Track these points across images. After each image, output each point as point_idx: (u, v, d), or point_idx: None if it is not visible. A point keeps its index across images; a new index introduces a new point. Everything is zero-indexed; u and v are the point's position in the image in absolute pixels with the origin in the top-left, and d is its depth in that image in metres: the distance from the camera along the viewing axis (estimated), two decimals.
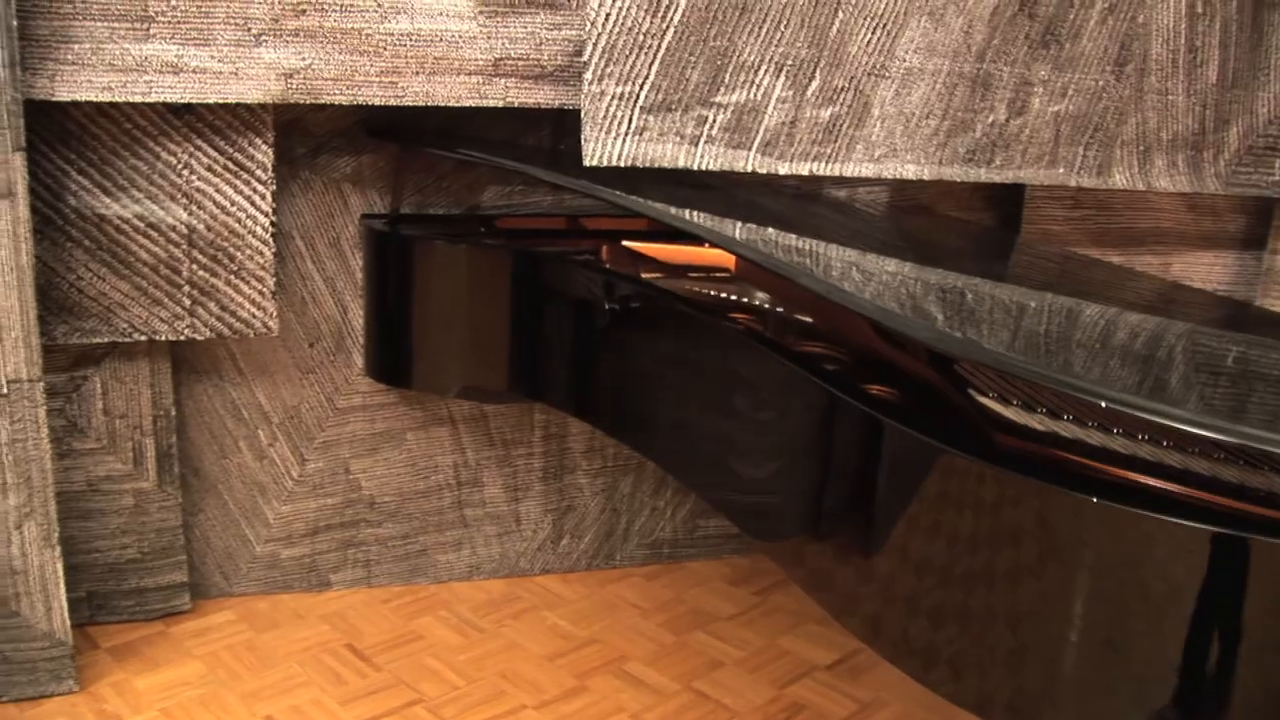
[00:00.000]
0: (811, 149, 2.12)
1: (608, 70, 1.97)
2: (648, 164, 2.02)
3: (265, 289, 2.07)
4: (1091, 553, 1.23)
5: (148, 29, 1.85)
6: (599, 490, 2.52)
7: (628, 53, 1.97)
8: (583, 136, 1.98)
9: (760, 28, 2.03)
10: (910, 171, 2.20)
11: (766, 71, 2.06)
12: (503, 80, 2.02)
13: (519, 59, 2.02)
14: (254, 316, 2.08)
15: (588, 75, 1.96)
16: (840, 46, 2.09)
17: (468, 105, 2.02)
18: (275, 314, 2.09)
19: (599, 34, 1.95)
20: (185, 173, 1.99)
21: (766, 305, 1.96)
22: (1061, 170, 2.31)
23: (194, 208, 2.00)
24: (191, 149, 1.98)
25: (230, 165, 2.00)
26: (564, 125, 2.31)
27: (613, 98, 1.98)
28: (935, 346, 1.47)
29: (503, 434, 2.42)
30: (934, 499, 1.35)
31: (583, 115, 1.98)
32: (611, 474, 2.52)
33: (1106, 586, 1.23)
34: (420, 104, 1.99)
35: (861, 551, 1.48)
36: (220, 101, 1.91)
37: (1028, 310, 1.71)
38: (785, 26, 2.04)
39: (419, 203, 2.27)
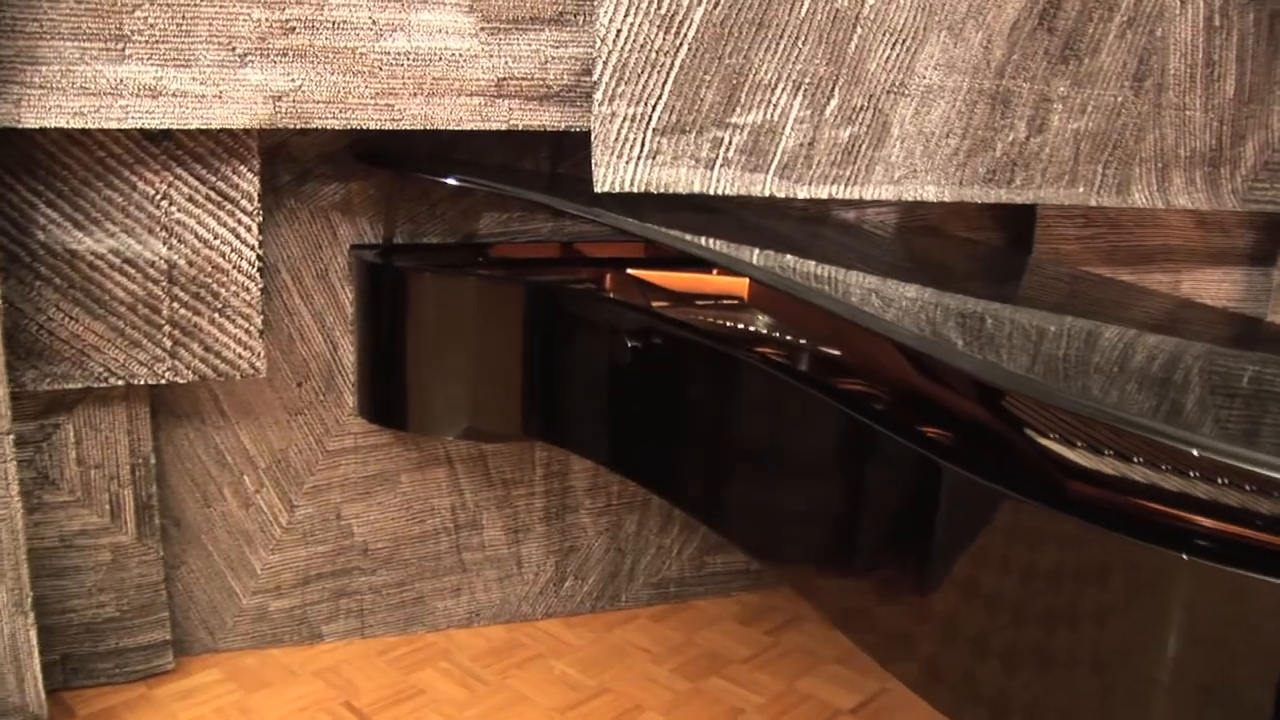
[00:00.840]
0: (830, 171, 1.99)
1: (619, 90, 1.83)
2: (661, 189, 1.89)
3: (252, 327, 1.91)
4: (1184, 595, 1.12)
5: (123, 49, 1.68)
6: (603, 529, 2.37)
7: (640, 72, 1.83)
8: (593, 161, 1.84)
9: (777, 44, 1.90)
10: (930, 193, 2.08)
11: (784, 90, 1.93)
12: (506, 101, 1.87)
13: (523, 78, 1.87)
14: (240, 357, 1.91)
15: (598, 96, 1.82)
16: (859, 64, 1.96)
17: (468, 128, 1.87)
18: (263, 354, 1.93)
19: (609, 52, 1.81)
20: (164, 204, 1.82)
21: (793, 339, 1.83)
22: (1081, 189, 2.20)
23: (174, 241, 1.83)
24: (171, 178, 1.81)
25: (213, 195, 1.84)
26: (563, 148, 2.17)
27: (624, 119, 1.84)
28: (999, 384, 1.34)
29: (502, 474, 2.27)
30: (1003, 539, 1.24)
31: (593, 138, 1.84)
32: (616, 512, 2.37)
33: (1202, 630, 1.12)
34: (418, 127, 1.84)
35: (916, 589, 1.36)
36: (203, 127, 1.74)
37: (1056, 335, 1.59)
38: (803, 43, 1.91)
39: (412, 231, 2.12)
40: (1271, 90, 2.30)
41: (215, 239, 1.85)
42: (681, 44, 1.84)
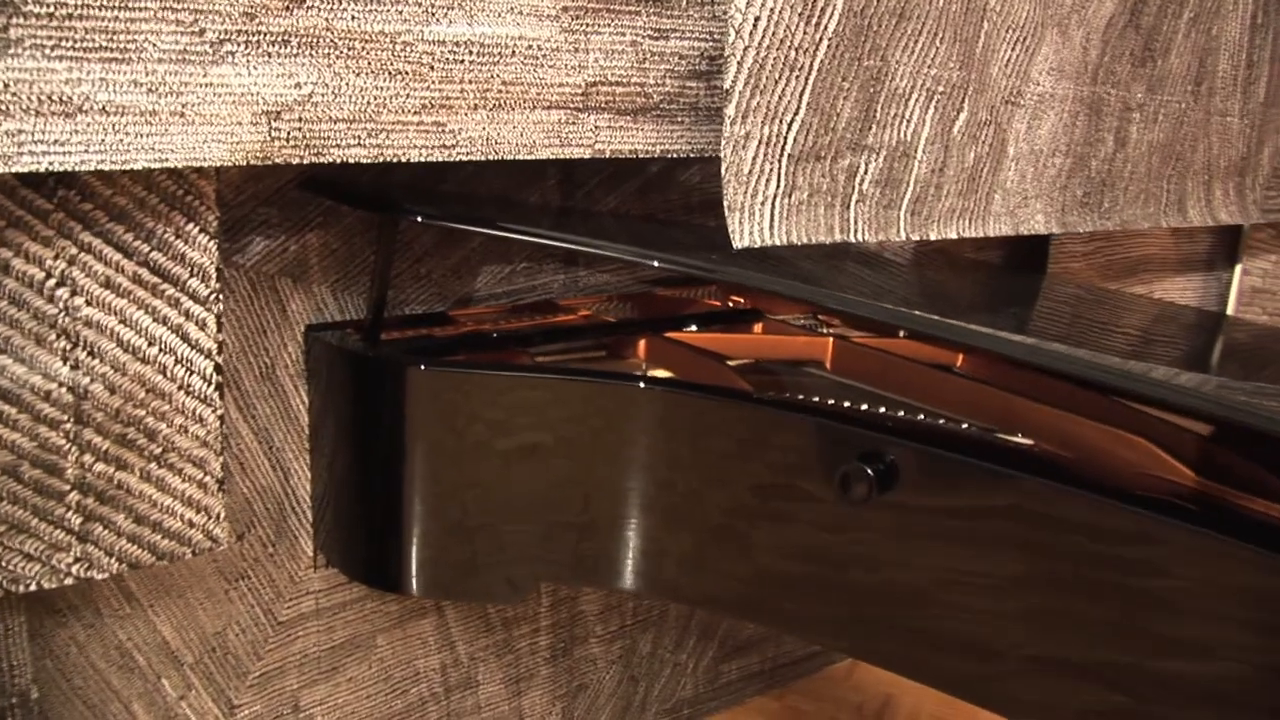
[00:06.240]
0: (957, 203, 1.50)
1: (754, 103, 1.23)
2: (802, 240, 1.31)
3: (209, 477, 1.15)
4: None
5: (6, 29, 0.89)
6: (615, 658, 1.76)
7: (777, 77, 1.24)
8: (725, 204, 1.24)
9: (916, 42, 1.37)
10: (1039, 222, 1.64)
11: (917, 101, 1.40)
12: (592, 116, 1.22)
13: (616, 83, 1.23)
14: (192, 525, 1.15)
15: (730, 111, 1.22)
16: (984, 67, 1.48)
17: (542, 157, 1.20)
18: (224, 517, 1.17)
19: (745, 48, 1.20)
20: (62, 294, 1.03)
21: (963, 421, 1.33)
22: (1152, 209, 1.85)
23: (81, 355, 1.05)
24: (74, 251, 1.03)
25: (144, 275, 1.07)
26: (574, 174, 1.53)
27: (759, 143, 1.25)
28: None
29: (503, 613, 1.61)
30: None
31: (724, 171, 1.23)
32: (630, 634, 1.77)
33: None
34: (478, 157, 1.16)
35: None
36: (155, 165, 0.98)
37: None
38: (940, 41, 1.40)
39: (392, 297, 1.41)
40: None
41: (150, 345, 1.08)
42: (821, 40, 1.27)
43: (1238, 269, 2.39)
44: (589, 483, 1.22)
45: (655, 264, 1.16)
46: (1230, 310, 2.39)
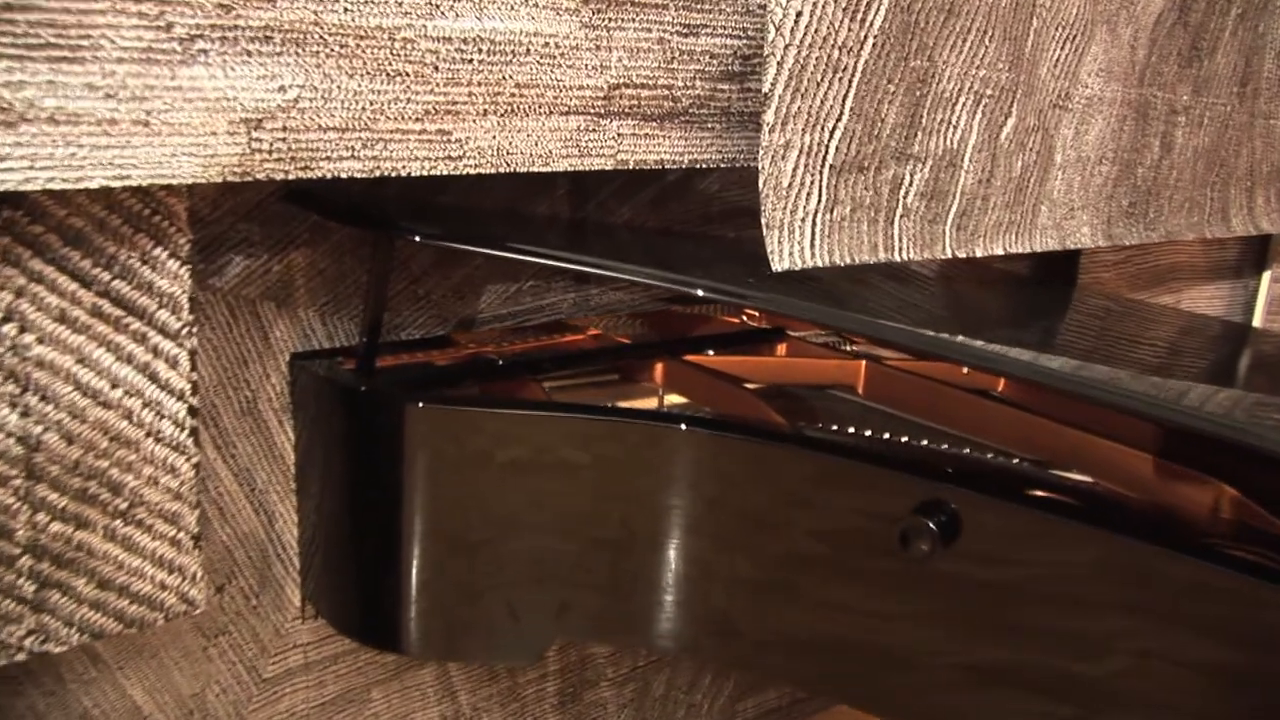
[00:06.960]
0: (1004, 216, 1.36)
1: (794, 108, 1.09)
2: (845, 260, 1.17)
3: (183, 533, 1.00)
4: None
5: None
6: (627, 701, 1.63)
7: (819, 79, 1.10)
8: (764, 221, 1.10)
9: (964, 40, 1.23)
10: (1085, 235, 1.50)
11: (964, 106, 1.27)
12: (615, 123, 1.08)
13: (641, 86, 1.08)
14: (164, 588, 1.00)
15: (769, 117, 1.08)
16: (1033, 69, 1.34)
17: (559, 169, 1.06)
18: (200, 576, 1.03)
19: (785, 46, 1.07)
20: (10, 331, 0.88)
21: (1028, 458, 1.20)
22: (1196, 218, 1.72)
23: (33, 400, 0.90)
24: (22, 280, 0.88)
25: (107, 307, 0.92)
26: (585, 185, 1.39)
27: (800, 153, 1.11)
28: None
29: None
30: None
31: (762, 185, 1.09)
32: (642, 676, 1.64)
33: None
34: (488, 170, 1.01)
35: None
36: (113, 183, 0.83)
37: None
38: (989, 39, 1.26)
39: (388, 321, 1.26)
40: None
41: (112, 387, 0.93)
42: (867, 37, 1.13)
43: (1266, 276, 2.27)
44: (609, 531, 1.08)
45: (700, 293, 1.01)
46: (1258, 318, 2.27)
